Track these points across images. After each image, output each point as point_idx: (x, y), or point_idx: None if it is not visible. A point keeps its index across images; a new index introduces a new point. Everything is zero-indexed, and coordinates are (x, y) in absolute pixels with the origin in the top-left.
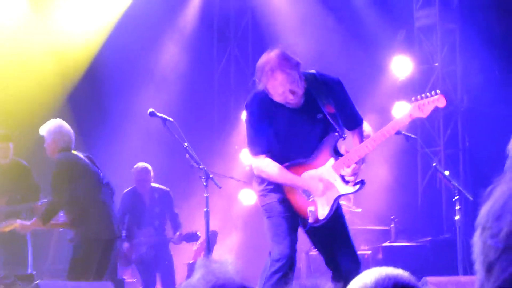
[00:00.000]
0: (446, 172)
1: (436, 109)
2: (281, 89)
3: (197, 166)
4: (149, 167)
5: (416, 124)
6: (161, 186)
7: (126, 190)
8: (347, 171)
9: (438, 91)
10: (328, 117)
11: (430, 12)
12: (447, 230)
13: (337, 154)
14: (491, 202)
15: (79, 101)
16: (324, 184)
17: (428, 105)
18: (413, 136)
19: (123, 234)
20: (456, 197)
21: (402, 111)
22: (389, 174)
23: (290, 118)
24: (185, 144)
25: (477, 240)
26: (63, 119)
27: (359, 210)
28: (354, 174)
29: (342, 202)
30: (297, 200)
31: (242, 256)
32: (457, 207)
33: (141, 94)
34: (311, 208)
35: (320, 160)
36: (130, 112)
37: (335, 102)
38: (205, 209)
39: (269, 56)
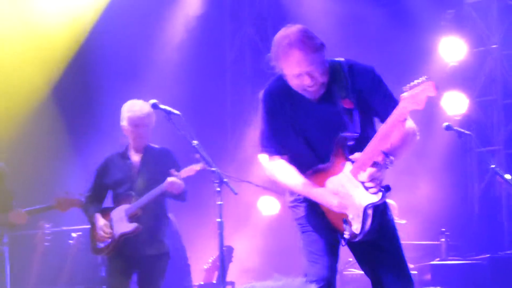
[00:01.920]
0: (507, 176)
1: (494, 101)
2: (298, 69)
3: (209, 168)
4: None
5: (470, 119)
6: None
7: None
8: (364, 177)
9: (424, 77)
10: (343, 113)
11: None
12: (508, 246)
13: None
14: None
15: (65, 94)
16: (341, 196)
17: (420, 94)
18: (467, 132)
19: None
20: None
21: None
22: (439, 179)
23: (308, 111)
24: (194, 142)
25: None
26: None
27: (404, 221)
28: (373, 179)
29: None
30: (330, 211)
31: (263, 277)
32: None
33: (139, 85)
34: (345, 221)
35: (337, 165)
36: None
37: (363, 93)
38: (218, 220)
39: (289, 30)
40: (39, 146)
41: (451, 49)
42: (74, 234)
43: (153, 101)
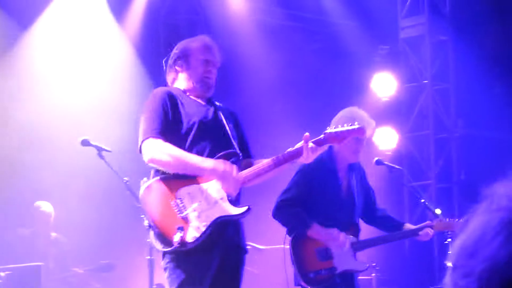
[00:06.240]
0: (438, 211)
1: (426, 136)
2: (212, 57)
3: (139, 205)
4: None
5: (402, 154)
6: None
7: None
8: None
9: (357, 124)
10: (229, 129)
11: (418, 21)
12: (439, 280)
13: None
14: (464, 237)
15: None
16: (203, 200)
17: (345, 133)
18: (397, 167)
19: None
20: (449, 240)
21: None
22: None
23: (198, 112)
24: (125, 178)
25: (448, 281)
26: None
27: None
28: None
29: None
30: (170, 215)
31: None
32: (450, 252)
33: (66, 121)
34: (179, 226)
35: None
36: (51, 141)
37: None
38: (147, 257)
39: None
40: None
41: (384, 84)
42: (2, 274)
43: (84, 137)
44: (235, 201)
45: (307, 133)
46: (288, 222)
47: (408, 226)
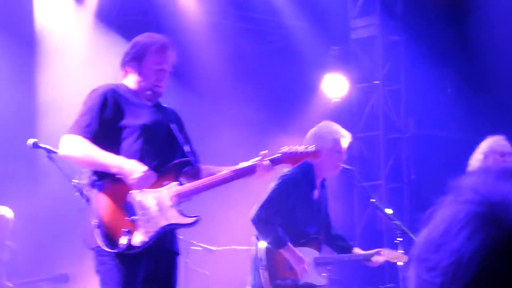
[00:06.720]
0: (388, 210)
1: (377, 137)
2: (167, 66)
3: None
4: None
5: (352, 154)
6: None
7: None
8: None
9: (313, 146)
10: (173, 130)
11: (369, 22)
12: (389, 279)
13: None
14: (429, 229)
15: None
16: (155, 206)
17: (300, 156)
18: (348, 167)
19: None
20: (399, 239)
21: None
22: None
23: (144, 114)
24: (75, 180)
25: (412, 275)
26: None
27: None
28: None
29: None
30: (119, 217)
31: None
32: (400, 251)
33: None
34: (127, 229)
35: (164, 179)
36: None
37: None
38: None
39: (161, 35)
40: None
41: (335, 85)
42: None
43: (32, 140)
44: (184, 210)
45: (265, 151)
46: (267, 237)
47: (357, 250)
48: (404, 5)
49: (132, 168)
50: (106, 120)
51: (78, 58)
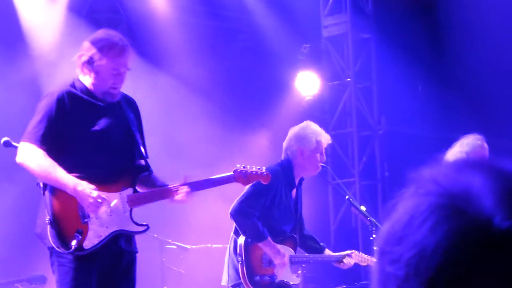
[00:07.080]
0: (362, 207)
1: (350, 134)
2: (123, 68)
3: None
4: None
5: (326, 151)
6: None
7: None
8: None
9: (264, 169)
10: (131, 133)
11: (340, 19)
12: (365, 276)
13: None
14: (391, 222)
15: None
16: (108, 210)
17: (253, 176)
18: (323, 165)
19: None
20: (374, 236)
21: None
22: None
23: (99, 115)
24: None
25: (375, 268)
26: None
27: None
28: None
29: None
30: (72, 216)
31: None
32: (375, 248)
33: None
34: (79, 230)
35: (120, 184)
36: None
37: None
38: None
39: (117, 33)
40: None
41: (307, 83)
42: None
43: (5, 138)
44: (135, 217)
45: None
46: (246, 231)
47: (328, 252)
48: (374, 3)
49: (84, 193)
50: (61, 128)
51: (48, 52)
